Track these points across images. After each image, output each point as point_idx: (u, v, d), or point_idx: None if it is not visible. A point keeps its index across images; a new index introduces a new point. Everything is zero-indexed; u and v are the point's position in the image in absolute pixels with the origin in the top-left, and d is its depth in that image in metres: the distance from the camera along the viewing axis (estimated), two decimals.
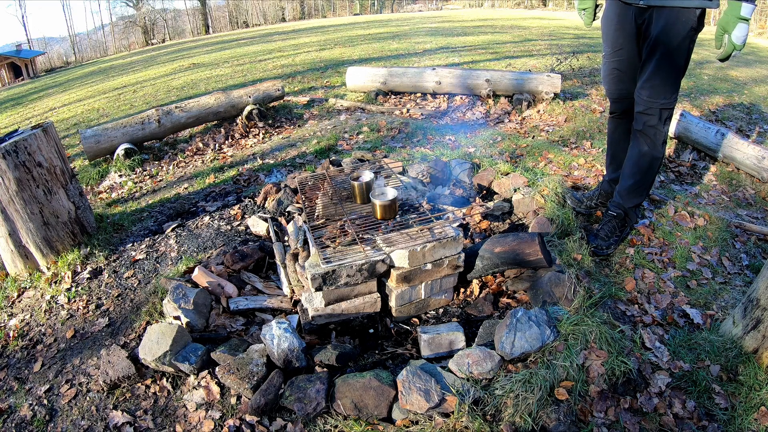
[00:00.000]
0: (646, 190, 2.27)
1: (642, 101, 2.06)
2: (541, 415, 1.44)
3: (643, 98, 2.05)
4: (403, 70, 5.22)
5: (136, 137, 4.06)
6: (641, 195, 2.27)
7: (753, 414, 1.48)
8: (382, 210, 1.92)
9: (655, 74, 1.98)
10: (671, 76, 1.98)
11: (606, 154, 2.55)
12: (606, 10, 2.17)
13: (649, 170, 2.19)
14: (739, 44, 1.78)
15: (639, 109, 2.09)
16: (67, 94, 9.37)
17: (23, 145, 2.31)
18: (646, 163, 2.16)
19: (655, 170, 2.20)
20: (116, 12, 34.96)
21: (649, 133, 2.09)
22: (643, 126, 2.09)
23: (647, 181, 2.22)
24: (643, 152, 2.15)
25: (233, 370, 1.61)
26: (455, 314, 1.96)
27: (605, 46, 2.21)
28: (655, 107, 2.03)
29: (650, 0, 1.89)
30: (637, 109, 2.10)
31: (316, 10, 32.26)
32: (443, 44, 8.89)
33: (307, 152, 3.74)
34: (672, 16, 1.86)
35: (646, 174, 2.20)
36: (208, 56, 10.87)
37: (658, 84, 1.99)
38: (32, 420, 1.69)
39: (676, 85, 2.01)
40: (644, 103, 2.06)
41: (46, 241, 2.48)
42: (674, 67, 1.96)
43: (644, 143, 2.13)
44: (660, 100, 2.01)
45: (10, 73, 19.96)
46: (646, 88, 2.03)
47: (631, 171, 2.22)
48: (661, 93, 2.00)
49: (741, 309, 1.69)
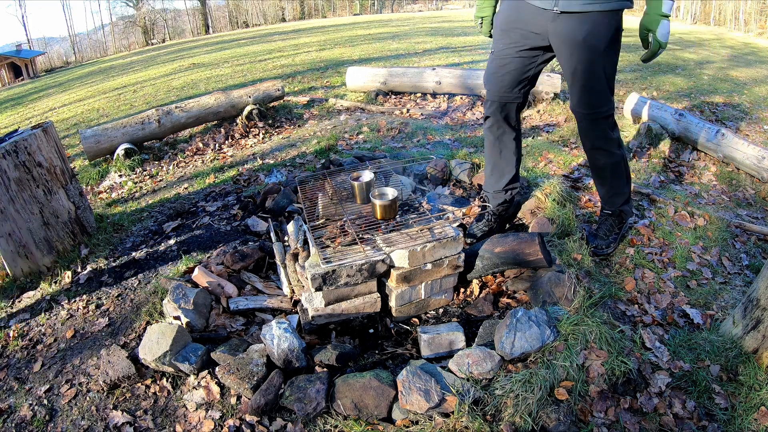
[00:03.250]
0: (625, 186, 2.20)
1: (581, 116, 1.96)
2: (541, 415, 1.44)
3: (582, 112, 1.94)
4: (403, 70, 5.23)
5: (136, 137, 4.06)
6: (623, 193, 2.20)
7: (753, 414, 1.48)
8: (382, 210, 1.92)
9: (587, 84, 1.87)
10: (602, 82, 1.86)
11: (486, 164, 2.39)
12: (504, 9, 2.01)
13: (615, 175, 2.12)
14: (664, 42, 1.75)
15: (582, 125, 2.00)
16: (67, 94, 9.37)
17: (23, 145, 2.31)
18: (610, 172, 2.11)
19: (622, 170, 2.12)
20: (116, 12, 34.92)
21: (601, 146, 2.02)
22: (592, 144, 2.02)
23: (620, 182, 2.16)
24: (603, 165, 2.09)
25: (233, 370, 1.61)
26: (455, 314, 1.96)
27: (497, 44, 2.05)
28: (598, 117, 1.94)
29: (566, 6, 1.75)
30: (580, 126, 2.01)
31: (316, 10, 32.26)
32: (443, 44, 8.89)
33: (307, 152, 3.74)
34: (596, 20, 1.74)
35: (615, 179, 2.14)
36: (208, 56, 10.87)
37: (593, 93, 1.89)
38: (32, 420, 1.69)
39: (611, 90, 1.91)
40: (585, 119, 1.95)
41: (46, 241, 2.48)
42: (606, 73, 1.85)
43: (600, 158, 2.07)
44: (599, 109, 1.92)
45: (10, 73, 19.97)
46: (583, 101, 1.92)
47: (601, 182, 2.18)
48: (598, 102, 1.91)
49: (741, 309, 1.69)
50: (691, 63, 7.15)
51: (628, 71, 6.29)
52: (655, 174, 3.23)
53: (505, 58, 2.02)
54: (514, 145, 2.24)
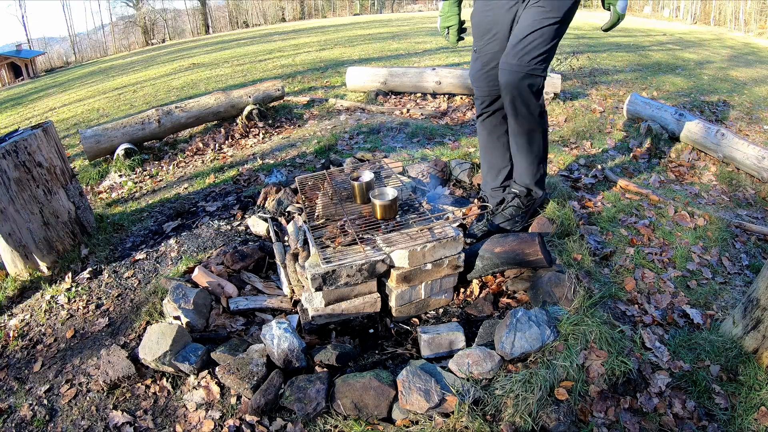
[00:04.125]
0: (541, 163, 2.18)
1: (510, 67, 1.92)
2: (541, 415, 1.44)
3: (512, 63, 1.91)
4: (403, 70, 5.22)
5: (136, 137, 4.06)
6: (537, 169, 2.18)
7: (753, 414, 1.48)
8: (382, 210, 1.92)
9: (528, 35, 1.87)
10: (546, 41, 1.87)
11: (482, 163, 2.42)
12: (478, 8, 2.10)
13: (531, 144, 2.09)
14: (622, 14, 1.91)
15: (503, 79, 1.96)
16: (67, 94, 9.37)
17: (23, 145, 2.31)
18: (526, 139, 2.09)
19: (540, 142, 2.10)
20: (116, 12, 34.98)
21: (521, 104, 1.98)
22: (512, 99, 1.97)
23: (535, 154, 2.14)
24: (518, 130, 2.07)
25: (233, 370, 1.61)
26: (455, 314, 1.96)
27: (477, 42, 2.11)
28: (524, 73, 1.90)
29: None
30: (502, 80, 1.97)
31: (316, 10, 32.26)
32: (443, 44, 8.89)
33: (307, 152, 3.74)
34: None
35: (531, 148, 2.11)
36: (208, 56, 10.87)
37: (530, 47, 1.88)
38: (32, 420, 1.69)
39: (546, 55, 1.90)
40: (512, 69, 1.91)
41: (46, 241, 2.48)
42: (551, 32, 1.87)
43: (517, 120, 2.04)
44: (528, 66, 1.89)
45: (10, 73, 19.98)
46: (511, 53, 1.91)
47: (518, 150, 2.16)
48: (528, 58, 1.89)
49: (741, 309, 1.69)
50: (691, 63, 7.15)
51: (629, 71, 6.29)
52: (655, 174, 3.23)
53: (488, 55, 2.08)
54: (508, 141, 2.25)
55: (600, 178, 3.09)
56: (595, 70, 6.24)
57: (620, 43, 9.05)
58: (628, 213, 2.66)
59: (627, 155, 3.51)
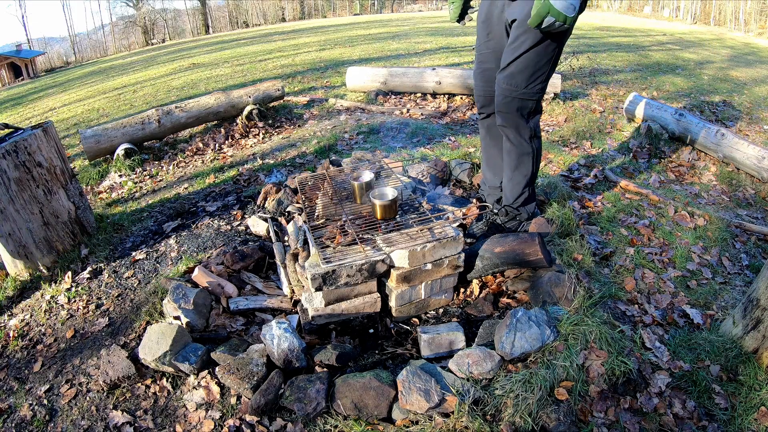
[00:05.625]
0: (527, 186, 2.16)
1: (500, 90, 1.93)
2: (541, 415, 1.44)
3: (502, 86, 1.92)
4: (403, 70, 5.22)
5: (136, 137, 4.06)
6: (521, 191, 2.17)
7: (753, 414, 1.48)
8: (382, 210, 1.92)
9: (513, 61, 1.85)
10: (531, 65, 1.84)
11: (482, 159, 2.44)
12: (482, 6, 2.10)
13: (519, 166, 2.09)
14: (556, 11, 1.62)
15: (496, 99, 1.97)
16: (67, 94, 9.37)
17: (23, 145, 2.31)
18: (515, 160, 2.08)
19: (529, 166, 2.08)
20: (116, 12, 35.00)
21: (510, 125, 1.97)
22: (503, 119, 1.98)
23: (522, 176, 2.12)
24: (508, 149, 2.07)
25: (233, 370, 1.61)
26: (455, 314, 1.96)
27: (477, 40, 2.13)
28: (512, 97, 1.90)
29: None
30: (495, 99, 1.98)
31: (316, 10, 32.26)
32: (443, 44, 8.89)
33: (307, 152, 3.74)
34: None
35: (518, 170, 2.11)
36: (208, 56, 10.87)
37: (515, 72, 1.87)
38: (32, 420, 1.69)
39: (536, 77, 1.87)
40: (502, 93, 1.92)
41: (46, 241, 2.48)
42: (537, 54, 1.81)
43: (508, 139, 2.04)
44: (516, 91, 1.88)
45: (10, 73, 19.97)
46: (501, 76, 1.90)
47: (506, 167, 2.16)
48: (518, 82, 1.88)
49: (741, 309, 1.69)
50: (691, 63, 7.15)
51: (629, 71, 6.30)
52: (655, 174, 3.23)
53: (484, 54, 2.10)
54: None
55: (600, 178, 3.09)
56: (595, 70, 6.24)
57: (620, 43, 9.05)
58: (628, 213, 2.66)
59: (627, 155, 3.51)
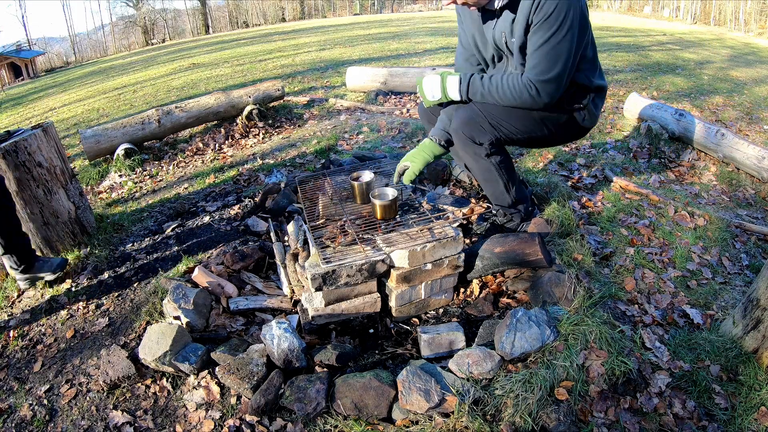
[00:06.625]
0: (508, 192, 2.15)
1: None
2: (541, 415, 1.44)
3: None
4: (403, 70, 5.22)
5: (136, 137, 4.06)
6: (504, 196, 2.15)
7: (753, 414, 1.48)
8: (382, 210, 1.92)
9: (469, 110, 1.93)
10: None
11: None
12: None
13: (490, 180, 2.08)
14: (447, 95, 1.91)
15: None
16: (67, 94, 9.37)
17: (23, 145, 2.31)
18: (484, 177, 2.08)
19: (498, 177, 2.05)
20: (116, 12, 35.01)
21: (467, 153, 1.99)
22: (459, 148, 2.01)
23: (496, 187, 2.12)
24: (473, 168, 2.08)
25: (233, 370, 1.61)
26: (455, 314, 1.96)
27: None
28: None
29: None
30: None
31: (316, 10, 32.28)
32: (443, 44, 8.89)
33: (307, 152, 3.74)
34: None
35: (490, 183, 2.10)
36: (208, 56, 10.87)
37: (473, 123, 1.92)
38: (32, 420, 1.69)
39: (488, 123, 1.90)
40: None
41: (46, 241, 2.48)
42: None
43: (468, 163, 2.06)
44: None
45: (10, 73, 19.98)
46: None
47: (480, 182, 2.17)
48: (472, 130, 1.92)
49: (741, 309, 1.69)
50: (691, 63, 7.14)
51: (629, 71, 6.30)
52: (655, 174, 3.23)
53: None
54: None
55: (600, 178, 3.09)
56: None
57: (620, 43, 9.05)
58: (628, 213, 2.66)
59: (627, 155, 3.51)
